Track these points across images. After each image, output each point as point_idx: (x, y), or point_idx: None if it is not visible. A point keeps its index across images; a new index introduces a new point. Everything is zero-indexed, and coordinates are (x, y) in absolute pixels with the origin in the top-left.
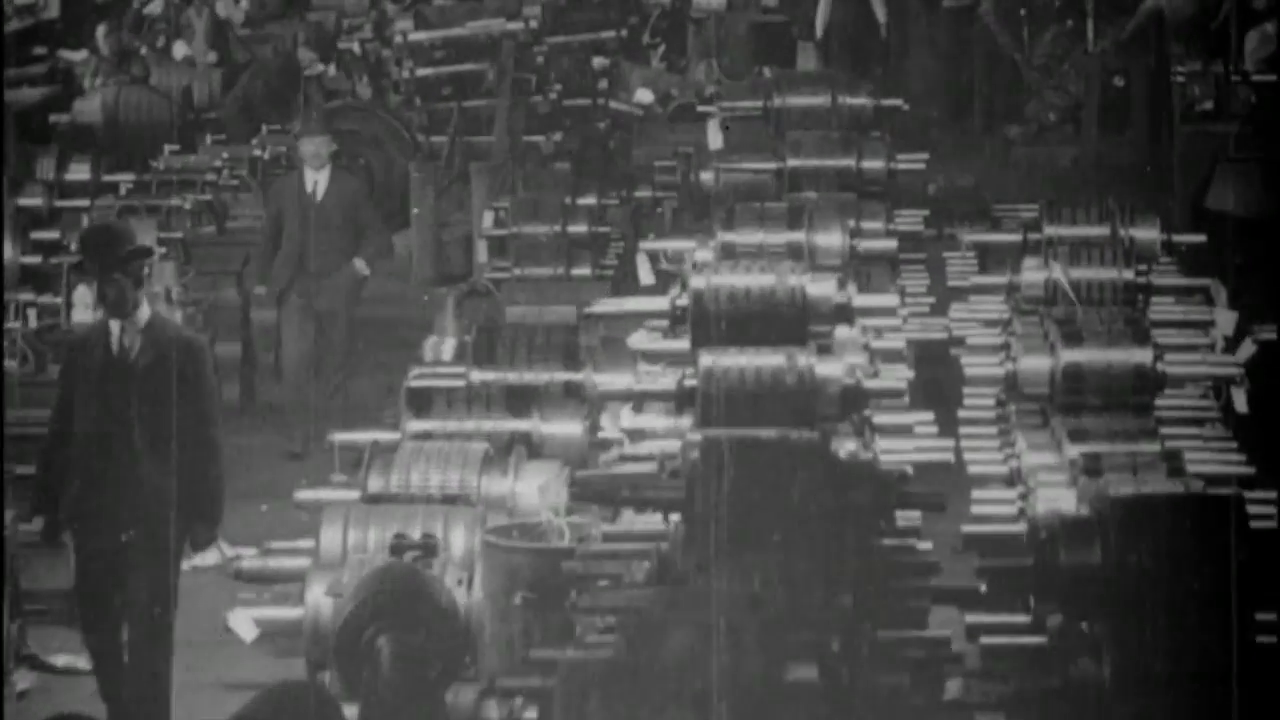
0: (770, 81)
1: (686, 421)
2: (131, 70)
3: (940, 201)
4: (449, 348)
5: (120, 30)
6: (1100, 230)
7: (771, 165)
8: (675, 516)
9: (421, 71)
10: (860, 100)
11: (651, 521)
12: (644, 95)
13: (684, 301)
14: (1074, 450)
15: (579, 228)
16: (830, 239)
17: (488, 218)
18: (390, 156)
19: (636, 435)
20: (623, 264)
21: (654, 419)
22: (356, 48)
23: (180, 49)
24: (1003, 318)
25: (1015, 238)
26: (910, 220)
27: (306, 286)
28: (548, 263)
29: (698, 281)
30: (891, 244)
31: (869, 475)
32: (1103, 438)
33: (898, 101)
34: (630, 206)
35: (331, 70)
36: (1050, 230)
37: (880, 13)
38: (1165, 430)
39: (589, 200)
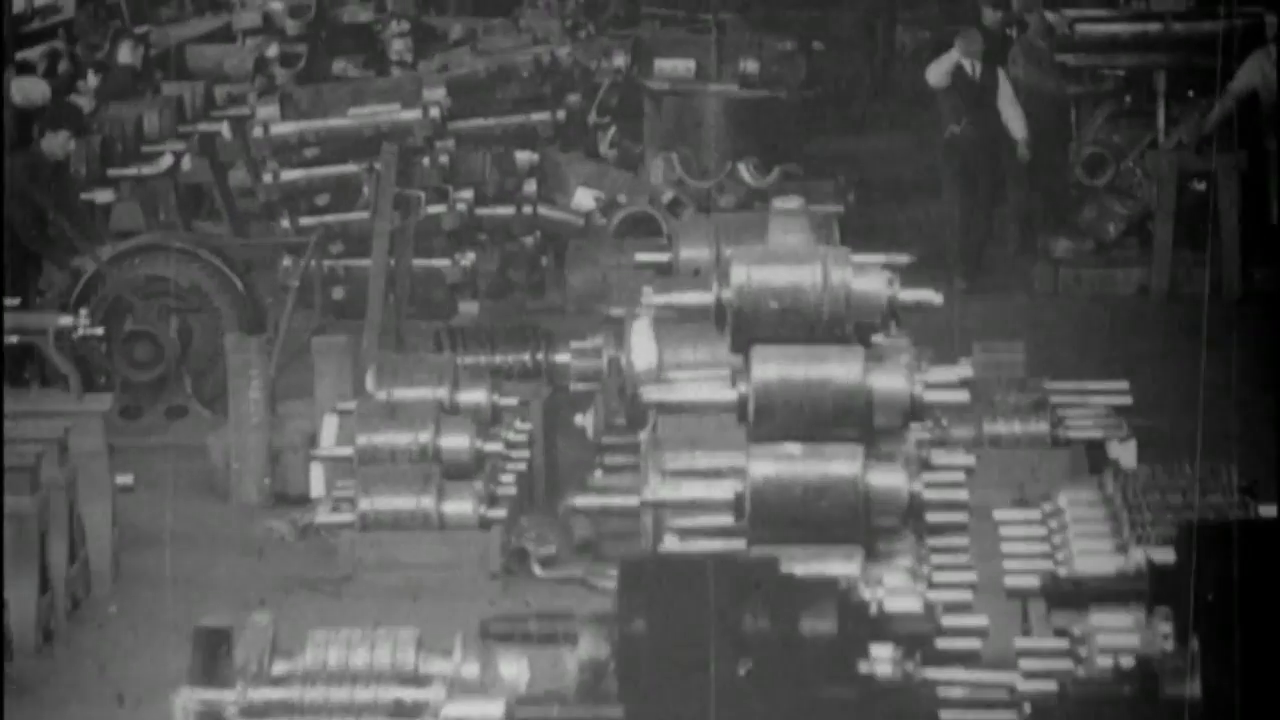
0: (728, 259)
1: None
2: None
3: (978, 386)
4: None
5: None
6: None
7: (729, 396)
8: None
9: (289, 175)
10: (872, 287)
11: None
12: (584, 199)
13: None
14: None
15: (457, 440)
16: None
17: (328, 427)
18: (217, 314)
19: None
20: (525, 490)
21: None
22: (226, 130)
23: None
24: None
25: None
26: (947, 484)
27: None
28: (410, 493)
29: None
30: (915, 607)
31: None
32: None
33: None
34: (544, 394)
35: (186, 163)
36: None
37: (1017, 126)
38: None
39: (477, 394)
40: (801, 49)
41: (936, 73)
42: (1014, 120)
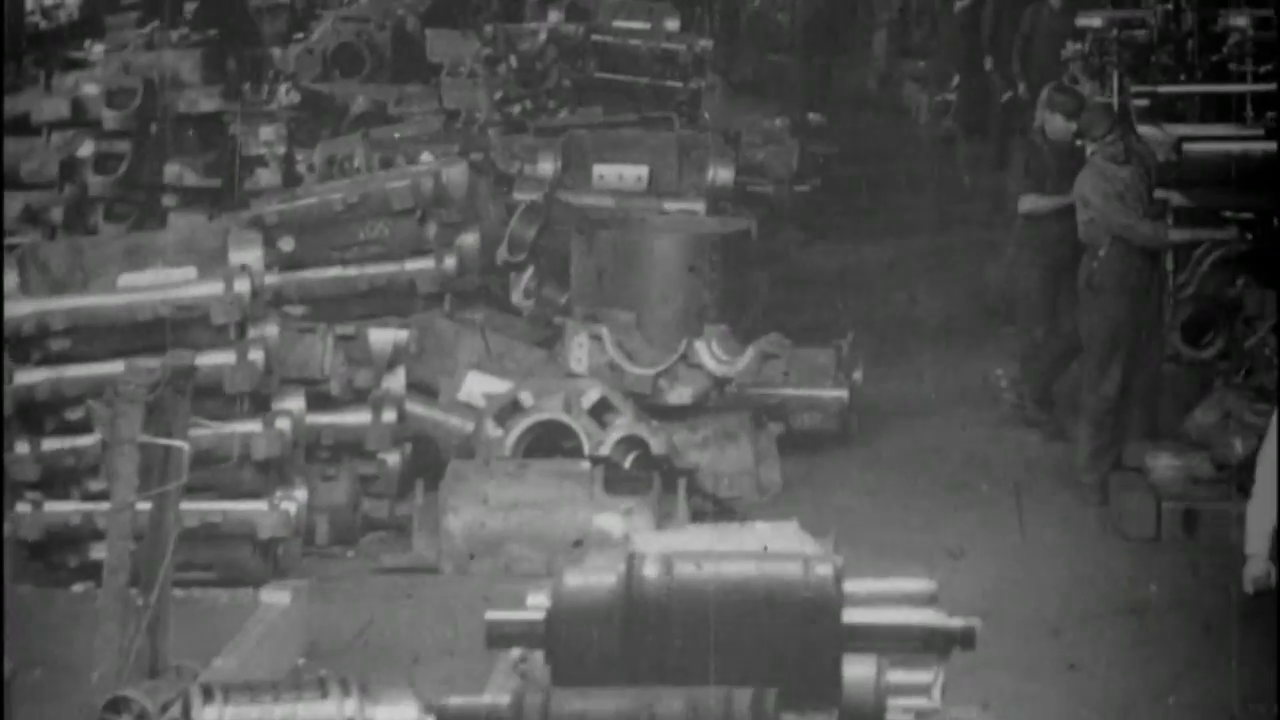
0: None
1: None
2: None
3: None
4: None
5: None
6: None
7: None
8: None
9: (26, 377)
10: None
11: None
12: (476, 389)
13: None
14: None
15: None
16: None
17: None
18: None
19: None
20: None
21: None
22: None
23: None
24: None
25: None
26: None
27: None
28: None
29: None
30: None
31: None
32: None
33: None
34: None
35: None
36: None
37: None
38: None
39: None
40: (795, 127)
41: None
42: None
